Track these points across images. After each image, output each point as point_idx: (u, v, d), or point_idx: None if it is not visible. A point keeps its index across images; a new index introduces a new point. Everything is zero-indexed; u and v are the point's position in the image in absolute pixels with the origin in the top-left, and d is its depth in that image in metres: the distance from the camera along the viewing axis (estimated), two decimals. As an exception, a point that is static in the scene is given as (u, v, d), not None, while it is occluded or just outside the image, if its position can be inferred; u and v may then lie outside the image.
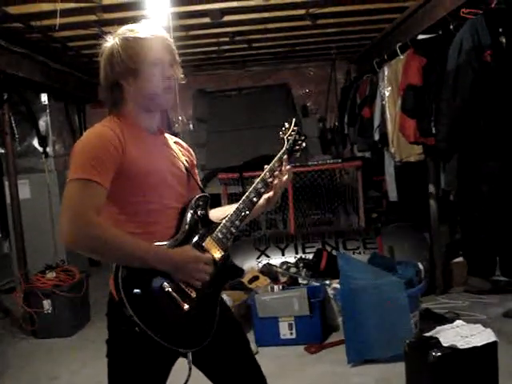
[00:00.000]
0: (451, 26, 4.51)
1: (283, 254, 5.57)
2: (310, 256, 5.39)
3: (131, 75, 1.96)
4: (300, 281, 4.95)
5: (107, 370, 1.99)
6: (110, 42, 1.99)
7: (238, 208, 2.07)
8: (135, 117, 2.01)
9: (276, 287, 4.67)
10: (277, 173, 2.16)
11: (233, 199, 5.93)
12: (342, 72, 8.67)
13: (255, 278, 5.01)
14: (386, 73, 5.60)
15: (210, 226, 2.06)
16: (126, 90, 1.99)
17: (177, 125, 8.78)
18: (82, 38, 5.72)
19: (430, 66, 4.72)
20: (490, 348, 2.86)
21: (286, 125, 2.27)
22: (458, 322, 3.11)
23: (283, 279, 5.03)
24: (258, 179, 2.13)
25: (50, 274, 5.30)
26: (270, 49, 7.38)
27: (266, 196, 2.18)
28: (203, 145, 7.89)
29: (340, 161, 6.85)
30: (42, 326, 5.18)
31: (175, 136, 2.30)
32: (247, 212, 2.08)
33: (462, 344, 2.81)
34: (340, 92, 8.14)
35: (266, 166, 2.17)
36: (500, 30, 4.02)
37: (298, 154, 2.28)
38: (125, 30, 2.00)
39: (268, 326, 4.45)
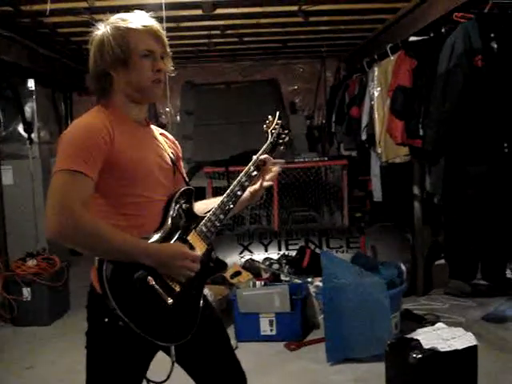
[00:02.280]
0: (443, 29, 4.51)
1: (266, 250, 5.57)
2: (293, 253, 5.39)
3: (121, 65, 1.92)
4: (282, 277, 4.94)
5: (86, 361, 1.98)
6: (101, 30, 1.95)
7: (222, 201, 2.06)
8: (123, 108, 1.98)
9: (258, 283, 4.68)
10: (261, 167, 2.15)
11: (218, 193, 5.91)
12: (331, 70, 8.69)
13: (237, 273, 5.00)
14: (375, 73, 5.61)
15: (194, 219, 2.05)
16: (115, 80, 1.95)
17: (164, 116, 8.74)
18: (71, 24, 5.66)
19: (420, 68, 4.73)
20: (471, 351, 2.88)
21: (270, 118, 2.25)
22: (439, 325, 3.13)
23: (265, 275, 5.03)
24: (242, 173, 2.12)
25: (31, 262, 5.25)
26: (260, 44, 7.37)
27: (250, 189, 2.17)
28: (190, 137, 7.86)
29: (326, 159, 6.86)
30: (20, 314, 5.14)
31: (162, 128, 2.28)
32: (231, 205, 2.06)
33: (443, 347, 2.82)
34: (329, 90, 8.15)
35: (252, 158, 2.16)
36: (492, 35, 4.03)
37: (282, 148, 2.25)
38: (117, 19, 1.96)
39: (248, 321, 4.45)
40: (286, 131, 2.26)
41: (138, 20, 1.95)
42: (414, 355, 2.79)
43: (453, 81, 4.12)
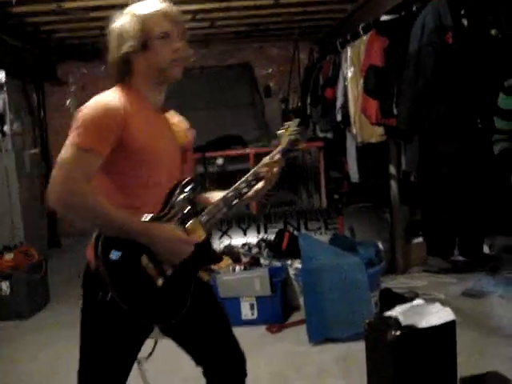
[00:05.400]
0: (414, 8, 4.51)
1: (245, 235, 5.56)
2: (272, 236, 5.39)
3: (140, 49, 1.98)
4: (262, 261, 4.95)
5: (80, 338, 2.02)
6: (118, 17, 2.03)
7: (225, 196, 2.11)
8: (142, 90, 2.04)
9: (238, 268, 4.67)
10: (268, 167, 2.21)
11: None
12: (305, 52, 8.64)
13: (217, 259, 4.99)
14: (348, 53, 5.59)
15: (196, 208, 2.10)
16: (135, 65, 2.02)
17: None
18: (40, 13, 5.57)
19: (393, 47, 4.72)
20: (449, 327, 2.90)
21: (289, 123, 2.29)
22: (417, 302, 3.14)
23: (245, 260, 5.02)
24: (250, 171, 2.18)
25: (8, 256, 5.21)
26: (232, 27, 7.31)
27: (254, 188, 2.22)
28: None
29: (302, 141, 6.84)
30: (-1, 308, 5.11)
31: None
32: (236, 201, 2.12)
33: (421, 323, 2.84)
34: (303, 72, 8.12)
35: (266, 158, 2.24)
36: (462, 11, 4.04)
37: (292, 155, 2.33)
38: (132, 8, 2.03)
39: (229, 306, 4.42)
40: (299, 141, 2.29)
41: (152, 5, 2.03)
42: (393, 333, 2.81)
43: (424, 58, 4.13)
